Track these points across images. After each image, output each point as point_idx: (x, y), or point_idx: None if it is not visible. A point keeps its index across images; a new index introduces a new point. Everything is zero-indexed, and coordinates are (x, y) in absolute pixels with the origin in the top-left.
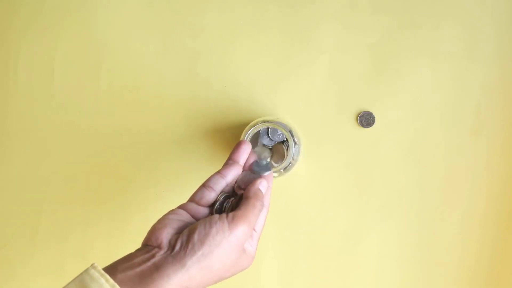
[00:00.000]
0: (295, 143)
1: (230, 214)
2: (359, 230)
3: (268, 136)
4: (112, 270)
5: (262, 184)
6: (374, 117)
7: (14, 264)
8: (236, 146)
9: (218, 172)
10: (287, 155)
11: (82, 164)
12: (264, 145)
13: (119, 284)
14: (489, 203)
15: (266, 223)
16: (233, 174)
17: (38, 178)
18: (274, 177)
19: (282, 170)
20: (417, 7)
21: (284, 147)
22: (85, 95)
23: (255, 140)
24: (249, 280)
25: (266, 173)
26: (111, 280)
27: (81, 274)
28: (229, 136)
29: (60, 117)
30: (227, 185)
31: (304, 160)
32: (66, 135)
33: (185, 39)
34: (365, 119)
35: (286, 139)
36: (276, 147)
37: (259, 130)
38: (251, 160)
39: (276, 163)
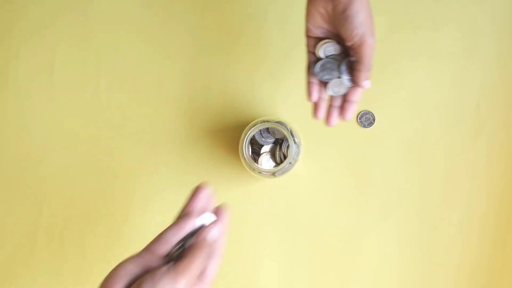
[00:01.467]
0: (295, 143)
1: (172, 269)
2: (359, 230)
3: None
4: None
5: (210, 232)
6: (374, 117)
7: (14, 264)
8: (193, 192)
9: (175, 224)
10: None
11: (82, 164)
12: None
13: None
14: (489, 203)
15: (266, 223)
16: (189, 226)
17: (38, 178)
18: (274, 176)
19: (282, 168)
20: (417, 7)
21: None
22: (84, 95)
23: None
24: (249, 280)
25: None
26: None
27: None
28: (229, 136)
29: (59, 117)
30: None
31: (304, 160)
32: (66, 135)
33: (185, 39)
34: (365, 119)
35: (286, 139)
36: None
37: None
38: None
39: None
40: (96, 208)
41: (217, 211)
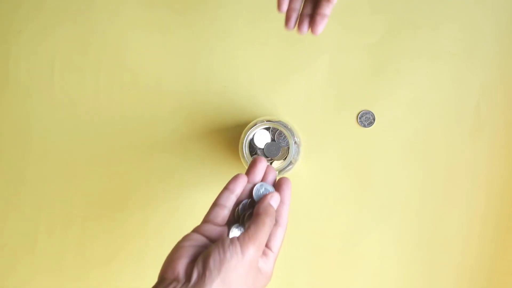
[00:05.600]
0: (295, 143)
1: (241, 236)
2: (359, 230)
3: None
4: None
5: (273, 199)
6: (374, 117)
7: (14, 264)
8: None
9: (225, 188)
10: (286, 154)
11: (81, 164)
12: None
13: None
14: (489, 202)
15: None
16: (240, 185)
17: (39, 178)
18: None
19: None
20: (417, 7)
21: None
22: (84, 95)
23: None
24: None
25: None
26: None
27: None
28: (229, 136)
29: (60, 117)
30: (237, 198)
31: (304, 160)
32: (66, 135)
33: (185, 39)
34: (365, 119)
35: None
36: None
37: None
38: (268, 175)
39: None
40: (96, 208)
41: (279, 182)
